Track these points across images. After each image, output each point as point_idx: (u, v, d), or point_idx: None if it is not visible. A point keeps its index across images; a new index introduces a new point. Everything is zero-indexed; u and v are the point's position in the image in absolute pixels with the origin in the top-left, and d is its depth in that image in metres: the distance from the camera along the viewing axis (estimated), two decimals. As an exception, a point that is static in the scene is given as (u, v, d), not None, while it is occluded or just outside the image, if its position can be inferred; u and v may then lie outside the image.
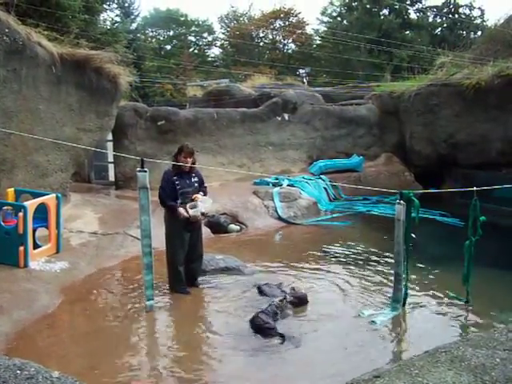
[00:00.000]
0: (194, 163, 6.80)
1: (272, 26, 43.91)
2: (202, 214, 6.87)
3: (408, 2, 37.55)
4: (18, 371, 2.44)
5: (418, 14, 38.58)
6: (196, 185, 6.82)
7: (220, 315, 6.12)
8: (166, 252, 6.82)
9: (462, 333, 5.59)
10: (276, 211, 11.53)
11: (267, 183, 12.97)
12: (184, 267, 6.81)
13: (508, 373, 2.54)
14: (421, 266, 7.99)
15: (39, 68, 8.75)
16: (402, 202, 5.90)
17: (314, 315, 6.12)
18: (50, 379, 2.42)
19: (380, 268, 8.07)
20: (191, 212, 6.57)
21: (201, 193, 6.82)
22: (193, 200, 6.64)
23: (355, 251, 9.13)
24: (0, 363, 2.48)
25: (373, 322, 5.88)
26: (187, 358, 5.06)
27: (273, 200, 11.77)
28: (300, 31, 42.77)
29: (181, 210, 6.54)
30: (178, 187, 6.61)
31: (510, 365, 2.62)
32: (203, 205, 6.75)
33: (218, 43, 47.96)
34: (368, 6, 37.60)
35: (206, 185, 7.15)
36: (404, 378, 2.55)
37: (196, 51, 45.25)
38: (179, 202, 6.61)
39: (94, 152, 10.76)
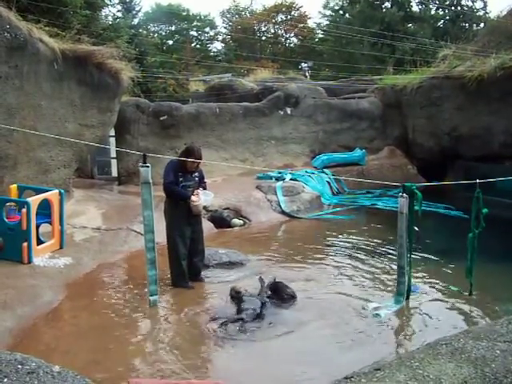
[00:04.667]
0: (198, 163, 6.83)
1: (274, 20, 43.83)
2: (204, 207, 6.90)
3: (410, -6, 37.41)
4: (19, 366, 2.45)
5: (420, 7, 38.43)
6: (196, 179, 6.84)
7: (223, 310, 6.12)
8: (168, 247, 6.83)
9: (465, 325, 5.58)
10: (279, 205, 11.54)
11: (270, 177, 12.98)
12: (186, 262, 6.83)
13: (508, 364, 2.54)
14: (424, 258, 7.99)
15: (41, 64, 8.75)
16: (404, 195, 5.89)
17: (316, 308, 6.13)
18: (50, 374, 2.43)
19: (383, 261, 8.07)
20: (193, 205, 6.62)
21: (200, 188, 6.84)
22: (194, 194, 6.68)
23: (358, 245, 9.13)
24: (1, 358, 2.49)
25: (377, 315, 5.88)
26: (191, 353, 5.07)
27: (276, 194, 11.78)
28: (302, 25, 42.67)
29: (193, 197, 6.59)
30: (180, 179, 6.64)
31: (511, 356, 2.62)
32: (205, 198, 6.79)
33: (220, 38, 47.94)
34: (370, -1, 37.52)
35: (206, 180, 7.17)
36: (404, 370, 2.55)
37: (198, 46, 45.16)
38: None
39: (96, 148, 10.79)
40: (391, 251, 8.24)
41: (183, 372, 4.65)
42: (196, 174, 6.87)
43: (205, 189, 6.97)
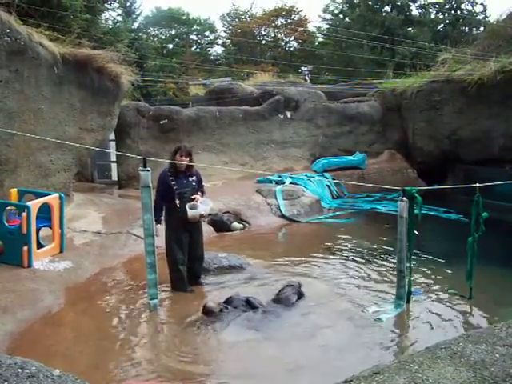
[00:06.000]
0: (190, 162, 6.77)
1: (274, 24, 43.79)
2: (201, 215, 6.85)
3: (410, -2, 37.43)
4: (20, 370, 2.46)
5: (420, 11, 38.43)
6: (194, 184, 6.79)
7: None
8: (166, 252, 6.83)
9: (465, 329, 5.58)
10: (279, 209, 11.53)
11: (270, 181, 12.97)
12: (185, 267, 6.83)
13: (507, 368, 2.55)
14: (424, 262, 8.00)
15: (41, 68, 8.77)
16: (404, 198, 5.90)
17: (316, 312, 6.14)
18: (50, 377, 2.44)
19: (383, 265, 8.07)
20: (191, 212, 6.57)
21: (199, 193, 6.82)
22: (192, 200, 6.65)
23: (358, 248, 9.13)
24: (1, 362, 2.49)
25: (378, 319, 5.88)
26: (190, 356, 5.07)
27: (276, 198, 11.78)
28: (302, 29, 42.67)
29: (157, 226, 6.45)
30: (174, 187, 6.60)
31: (510, 360, 2.63)
32: (203, 207, 6.74)
33: (220, 42, 47.88)
34: (370, 3, 37.46)
35: (204, 184, 7.14)
36: (404, 374, 2.56)
37: (198, 50, 45.18)
38: (177, 202, 6.61)
39: (96, 151, 10.80)
40: (391, 255, 8.24)
41: (183, 375, 4.66)
42: (193, 177, 6.84)
43: (203, 193, 6.95)
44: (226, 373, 4.76)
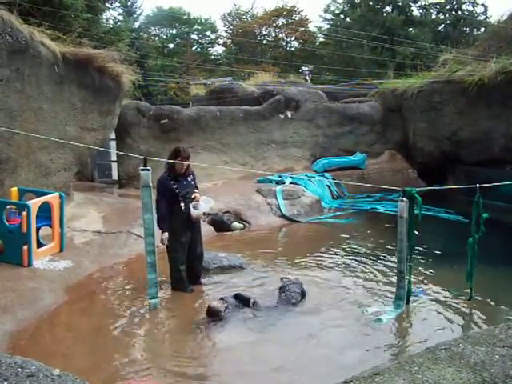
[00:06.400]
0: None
1: (275, 24, 43.75)
2: (203, 213, 6.88)
3: (411, -1, 37.41)
4: (19, 369, 2.46)
5: (421, 11, 38.40)
6: (192, 183, 6.84)
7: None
8: (167, 252, 6.83)
9: (465, 330, 5.58)
10: (279, 209, 11.52)
11: (270, 181, 12.97)
12: (185, 266, 6.84)
13: (507, 369, 2.54)
14: (424, 263, 8.00)
15: (42, 67, 8.77)
16: (404, 199, 5.90)
17: (316, 312, 6.13)
18: (50, 377, 2.44)
19: (383, 265, 8.07)
20: (195, 212, 6.59)
21: (196, 191, 6.82)
22: (193, 199, 6.66)
23: (358, 249, 9.13)
24: (1, 361, 2.49)
25: (378, 319, 5.87)
26: (189, 356, 5.07)
27: (276, 198, 11.77)
28: (303, 29, 42.64)
29: (166, 234, 6.55)
30: (177, 191, 6.60)
31: (510, 362, 2.63)
32: (205, 205, 6.78)
33: (221, 41, 47.89)
34: (371, 3, 37.42)
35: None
36: (403, 375, 2.56)
37: (199, 49, 45.17)
38: (182, 204, 6.62)
39: (97, 151, 10.81)
40: (391, 255, 8.24)
41: (183, 375, 4.65)
42: (191, 176, 6.86)
43: (197, 188, 6.96)
44: (225, 373, 4.75)
